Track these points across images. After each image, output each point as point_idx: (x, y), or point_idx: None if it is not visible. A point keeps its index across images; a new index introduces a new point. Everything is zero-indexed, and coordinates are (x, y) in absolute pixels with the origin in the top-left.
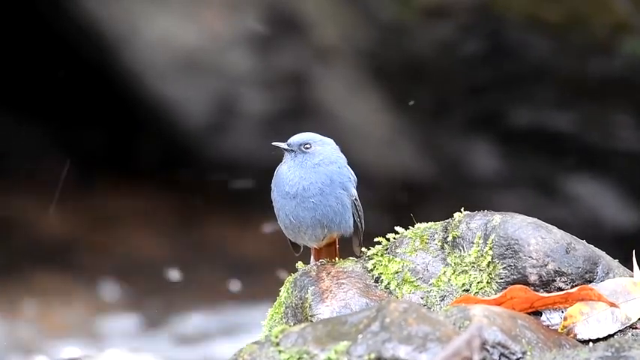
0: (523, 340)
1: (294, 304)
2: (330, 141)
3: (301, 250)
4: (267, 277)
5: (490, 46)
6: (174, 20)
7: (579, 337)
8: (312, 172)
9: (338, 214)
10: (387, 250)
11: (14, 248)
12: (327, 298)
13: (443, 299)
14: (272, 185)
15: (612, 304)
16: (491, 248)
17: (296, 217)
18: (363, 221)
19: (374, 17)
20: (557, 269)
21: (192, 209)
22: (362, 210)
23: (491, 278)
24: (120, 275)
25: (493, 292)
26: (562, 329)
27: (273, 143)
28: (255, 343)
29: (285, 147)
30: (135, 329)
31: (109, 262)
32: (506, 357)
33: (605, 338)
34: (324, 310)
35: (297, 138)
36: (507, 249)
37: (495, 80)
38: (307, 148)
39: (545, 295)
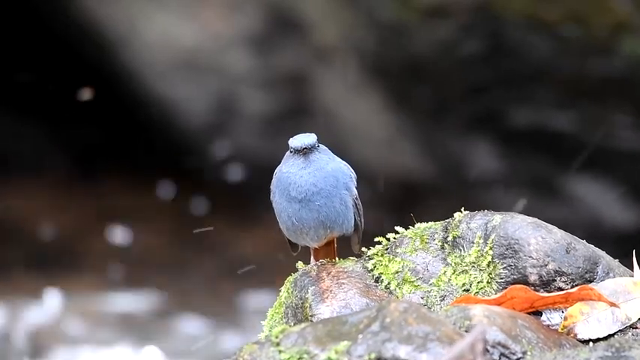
0: (523, 340)
1: (294, 304)
2: None
3: (299, 249)
4: (267, 276)
5: (490, 46)
6: (174, 20)
7: (579, 336)
8: (321, 176)
9: (341, 214)
10: (387, 249)
11: (14, 247)
12: (327, 298)
13: (443, 299)
14: (272, 187)
15: (612, 304)
16: (491, 248)
17: (299, 219)
18: (362, 219)
19: (374, 17)
20: (557, 269)
21: (193, 208)
22: (362, 208)
23: (491, 278)
24: (120, 274)
25: (493, 291)
26: (562, 329)
27: (293, 144)
28: (256, 342)
29: (303, 147)
30: (135, 327)
31: (109, 261)
32: (507, 357)
33: (605, 338)
34: (324, 310)
35: (306, 140)
36: (507, 249)
37: (495, 80)
38: (315, 149)
39: (546, 294)
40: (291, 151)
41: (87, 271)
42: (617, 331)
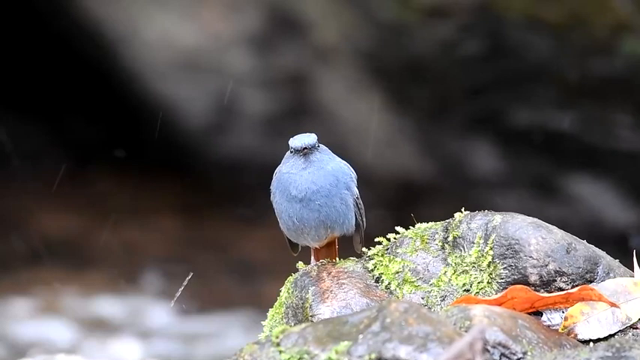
0: (524, 340)
1: (294, 305)
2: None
3: (299, 249)
4: (267, 276)
5: (490, 46)
6: (174, 20)
7: (580, 337)
8: (322, 175)
9: (341, 214)
10: (387, 250)
11: (14, 247)
12: (327, 298)
13: (443, 299)
14: (272, 188)
15: (613, 304)
16: (491, 248)
17: (300, 219)
18: (364, 219)
19: (374, 17)
20: (557, 269)
21: (193, 208)
22: (363, 208)
23: (491, 278)
24: (120, 274)
25: (494, 292)
26: (563, 329)
27: (293, 144)
28: (256, 343)
29: (303, 147)
30: (132, 326)
31: (109, 261)
32: (507, 357)
33: (605, 338)
34: (324, 311)
35: (307, 139)
36: (508, 249)
37: (495, 80)
38: (315, 149)
39: (546, 295)
40: (291, 151)
41: (86, 269)
42: (618, 332)
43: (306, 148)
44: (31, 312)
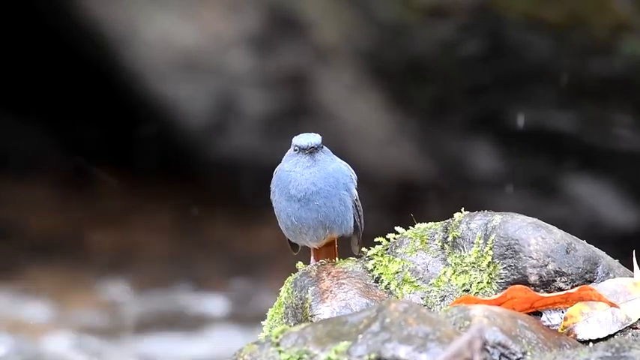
0: (523, 341)
1: (294, 305)
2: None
3: (299, 249)
4: (267, 276)
5: (490, 46)
6: (174, 20)
7: (579, 337)
8: (322, 176)
9: (340, 215)
10: (387, 250)
11: (14, 247)
12: (327, 298)
13: (443, 299)
14: (272, 187)
15: (612, 305)
16: (491, 248)
17: (298, 218)
18: (362, 221)
19: (374, 17)
20: (557, 269)
21: (192, 209)
22: (362, 210)
23: (491, 278)
24: (119, 274)
25: (493, 292)
26: (562, 329)
27: (298, 143)
28: (256, 343)
29: (309, 146)
30: (132, 326)
31: (108, 260)
32: (507, 357)
33: (605, 338)
34: (324, 311)
35: (312, 139)
36: (507, 249)
37: (495, 80)
38: (320, 149)
39: (546, 295)
40: (295, 150)
41: (85, 269)
42: (617, 332)
43: (312, 147)
44: (32, 311)
